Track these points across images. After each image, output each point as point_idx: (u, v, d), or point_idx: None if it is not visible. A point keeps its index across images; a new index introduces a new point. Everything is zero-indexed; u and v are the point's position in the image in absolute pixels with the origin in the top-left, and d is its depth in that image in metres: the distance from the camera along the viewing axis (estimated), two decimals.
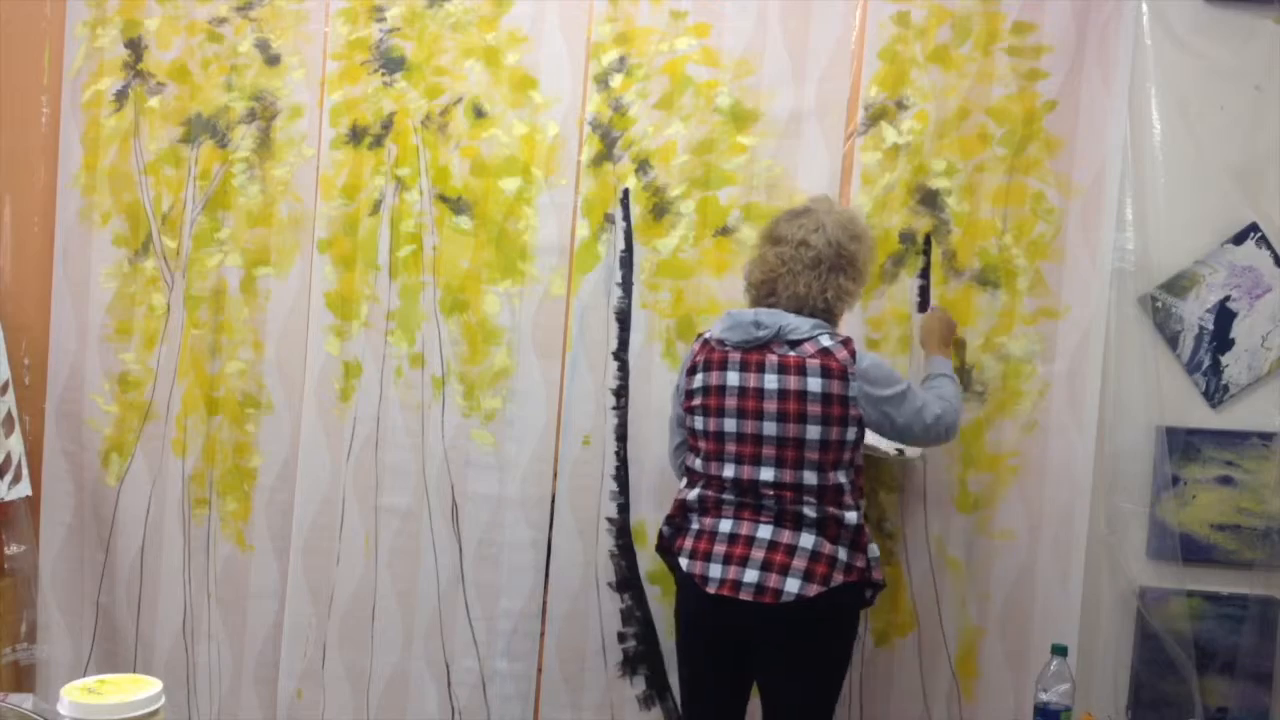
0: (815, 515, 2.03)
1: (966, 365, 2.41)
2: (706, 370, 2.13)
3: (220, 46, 2.65)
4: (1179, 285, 2.38)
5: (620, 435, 2.51)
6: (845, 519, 2.04)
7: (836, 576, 2.02)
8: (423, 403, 2.58)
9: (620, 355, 2.52)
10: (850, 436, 2.06)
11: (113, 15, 2.69)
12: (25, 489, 2.64)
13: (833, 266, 2.11)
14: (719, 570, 2.04)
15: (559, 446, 2.53)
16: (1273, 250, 2.35)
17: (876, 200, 2.43)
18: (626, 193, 2.51)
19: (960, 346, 2.41)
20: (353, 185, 2.60)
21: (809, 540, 2.03)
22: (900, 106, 2.43)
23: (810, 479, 2.04)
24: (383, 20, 2.59)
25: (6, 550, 2.68)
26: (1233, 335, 2.36)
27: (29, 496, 2.65)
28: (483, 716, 2.56)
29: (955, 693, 2.43)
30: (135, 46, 2.69)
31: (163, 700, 1.28)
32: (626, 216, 2.52)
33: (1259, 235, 2.35)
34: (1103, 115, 2.36)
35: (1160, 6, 2.35)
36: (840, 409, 2.03)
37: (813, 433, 2.03)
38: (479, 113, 2.56)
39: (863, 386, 2.04)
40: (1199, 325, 2.37)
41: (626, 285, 2.51)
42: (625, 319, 2.52)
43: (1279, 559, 2.35)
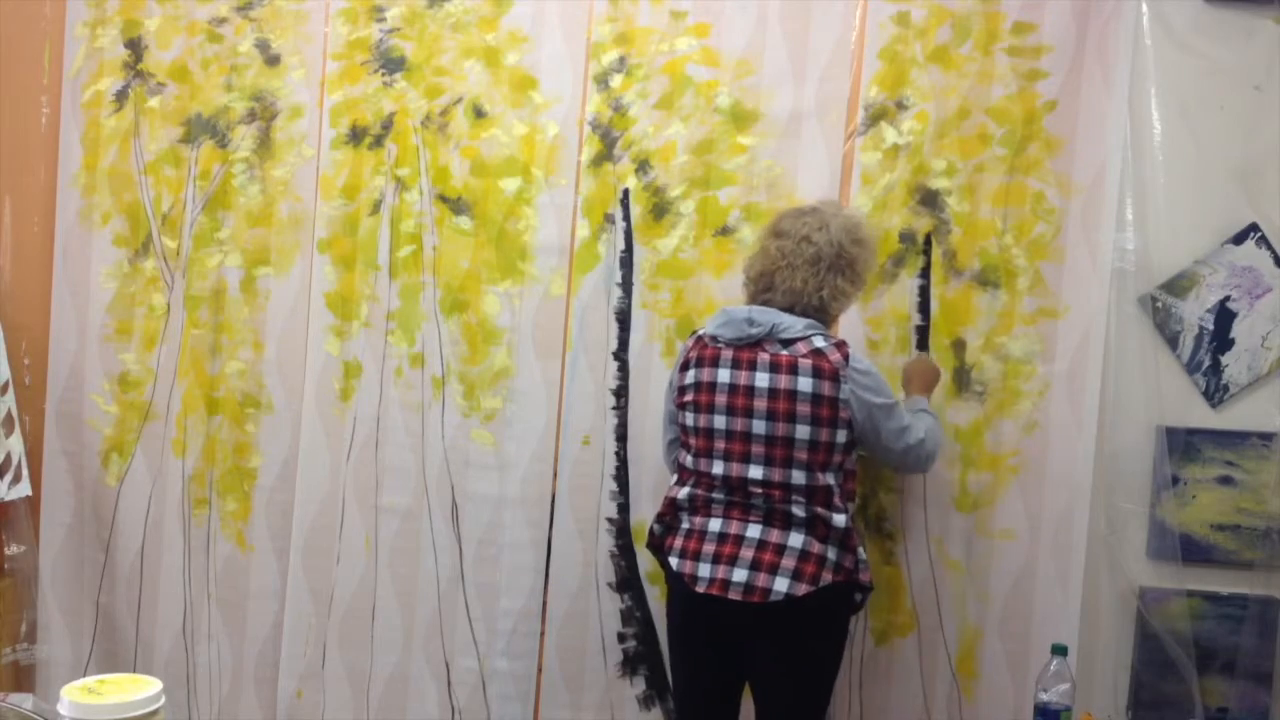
0: (804, 515, 2.03)
1: (966, 365, 2.41)
2: (699, 366, 2.13)
3: (220, 46, 2.65)
4: (1179, 285, 2.38)
5: (620, 435, 2.52)
6: (833, 520, 2.04)
7: (826, 576, 2.02)
8: (423, 403, 2.58)
9: (620, 355, 2.52)
10: (840, 439, 2.05)
11: (113, 15, 2.69)
12: (25, 489, 2.64)
13: (832, 266, 2.11)
14: (708, 569, 2.05)
15: (559, 446, 2.53)
16: (1273, 250, 2.35)
17: (876, 200, 2.43)
18: (626, 193, 2.51)
19: (960, 347, 2.41)
20: (353, 185, 2.60)
21: (798, 539, 2.03)
22: (900, 106, 2.43)
23: (799, 479, 2.04)
24: (383, 20, 2.59)
25: (6, 550, 2.68)
26: (1233, 335, 2.36)
27: (29, 496, 2.65)
28: (483, 716, 2.56)
29: (955, 693, 2.43)
30: (135, 46, 2.69)
31: (163, 700, 1.28)
32: (626, 216, 2.52)
33: (1259, 235, 2.35)
34: (1103, 115, 2.36)
35: (1160, 6, 2.35)
36: (830, 410, 2.03)
37: (802, 432, 2.03)
38: (479, 113, 2.56)
39: (855, 389, 2.04)
40: (1199, 325, 2.37)
41: (626, 285, 2.51)
42: (625, 319, 2.52)
43: (1279, 559, 2.35)
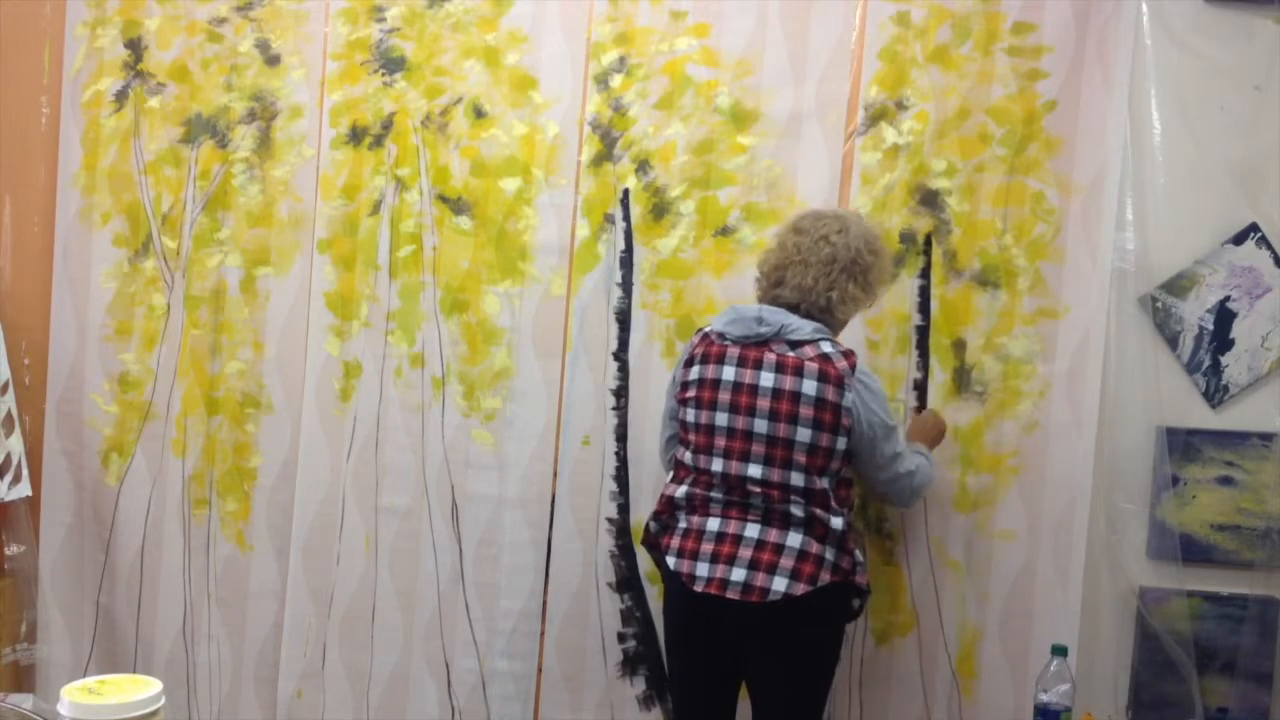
0: (802, 515, 2.03)
1: (966, 365, 2.41)
2: (703, 363, 2.13)
3: (220, 46, 2.65)
4: (1179, 285, 2.38)
5: (620, 435, 2.52)
6: (831, 523, 2.04)
7: (824, 576, 2.02)
8: (423, 403, 2.58)
9: (620, 355, 2.52)
10: (840, 446, 2.05)
11: (113, 15, 2.68)
12: (25, 489, 2.64)
13: (845, 269, 2.11)
14: (706, 569, 2.04)
15: (559, 446, 2.53)
16: (1273, 250, 2.35)
17: (876, 200, 2.43)
18: (626, 193, 2.51)
19: (960, 347, 2.41)
20: (353, 185, 2.60)
21: (796, 539, 2.03)
22: (900, 106, 2.43)
23: (797, 480, 2.04)
24: (383, 20, 2.59)
25: (6, 550, 2.68)
26: (1233, 335, 2.36)
27: (29, 496, 2.65)
28: (483, 716, 2.56)
29: (955, 693, 2.43)
30: (135, 47, 2.69)
31: (163, 700, 1.28)
32: (626, 216, 2.52)
33: (1259, 235, 2.35)
34: (1103, 115, 2.36)
35: (1160, 6, 2.35)
36: (832, 416, 2.03)
37: (802, 435, 2.03)
38: (479, 113, 2.56)
39: (859, 399, 2.04)
40: (1199, 325, 2.37)
41: (626, 285, 2.51)
42: (625, 319, 2.52)
43: (1279, 559, 2.35)
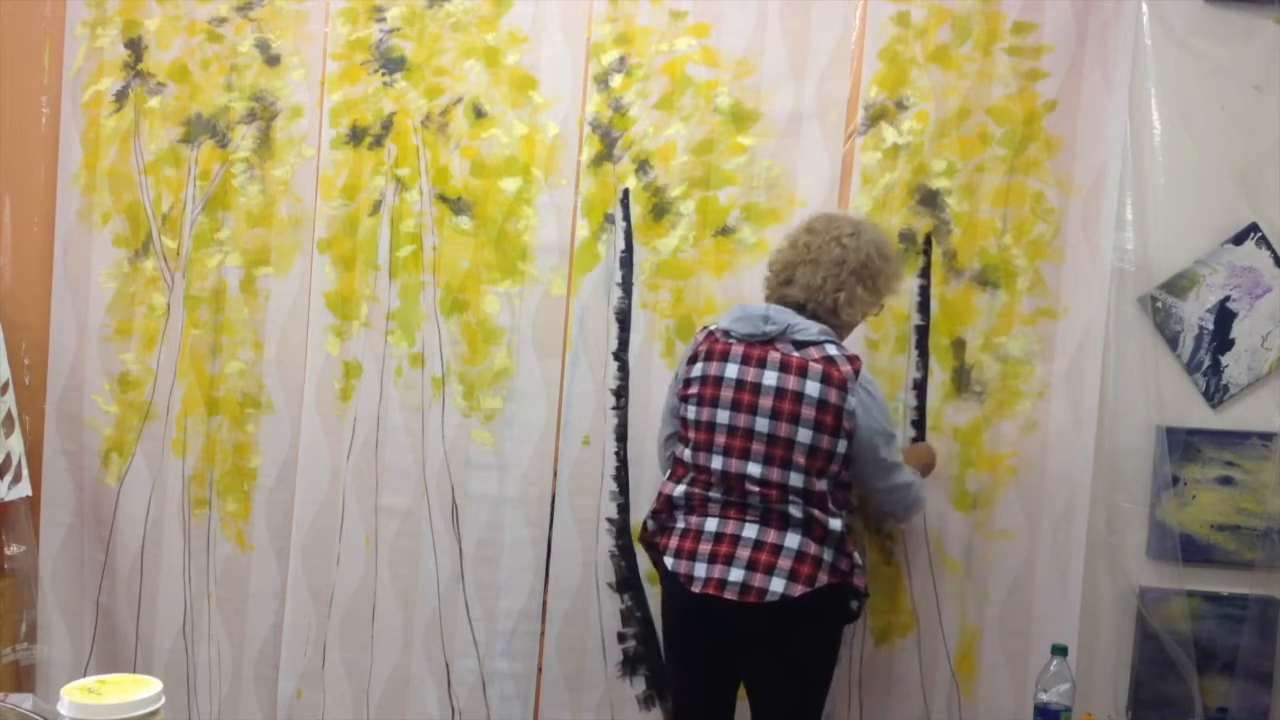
0: (801, 516, 2.03)
1: (966, 365, 2.41)
2: (707, 360, 2.12)
3: (220, 46, 2.65)
4: (1179, 285, 2.38)
5: (620, 435, 2.52)
6: (829, 525, 2.04)
7: (822, 577, 2.02)
8: (423, 403, 2.58)
9: (620, 355, 2.52)
10: (840, 449, 2.05)
11: (113, 15, 2.69)
12: (25, 489, 2.64)
13: (854, 271, 2.11)
14: (704, 569, 2.04)
15: (559, 446, 2.53)
16: (1273, 250, 2.35)
17: (876, 200, 2.43)
18: (626, 193, 2.51)
19: (960, 347, 2.41)
20: (353, 185, 2.60)
21: (794, 540, 2.02)
22: (900, 106, 2.43)
23: (796, 481, 2.03)
24: (383, 20, 2.59)
25: (6, 550, 2.68)
26: (1233, 335, 2.36)
27: (29, 496, 2.65)
28: (483, 716, 2.56)
29: (955, 693, 2.43)
30: (135, 47, 2.69)
31: (163, 700, 1.28)
32: (626, 216, 2.52)
33: (1259, 235, 2.35)
34: (1103, 115, 2.36)
35: (1160, 6, 2.35)
36: (834, 419, 2.03)
37: (803, 435, 2.03)
38: (479, 113, 2.55)
39: (862, 403, 2.04)
40: (1199, 325, 2.37)
41: (626, 285, 2.51)
42: (625, 319, 2.52)
43: (1279, 559, 2.35)
